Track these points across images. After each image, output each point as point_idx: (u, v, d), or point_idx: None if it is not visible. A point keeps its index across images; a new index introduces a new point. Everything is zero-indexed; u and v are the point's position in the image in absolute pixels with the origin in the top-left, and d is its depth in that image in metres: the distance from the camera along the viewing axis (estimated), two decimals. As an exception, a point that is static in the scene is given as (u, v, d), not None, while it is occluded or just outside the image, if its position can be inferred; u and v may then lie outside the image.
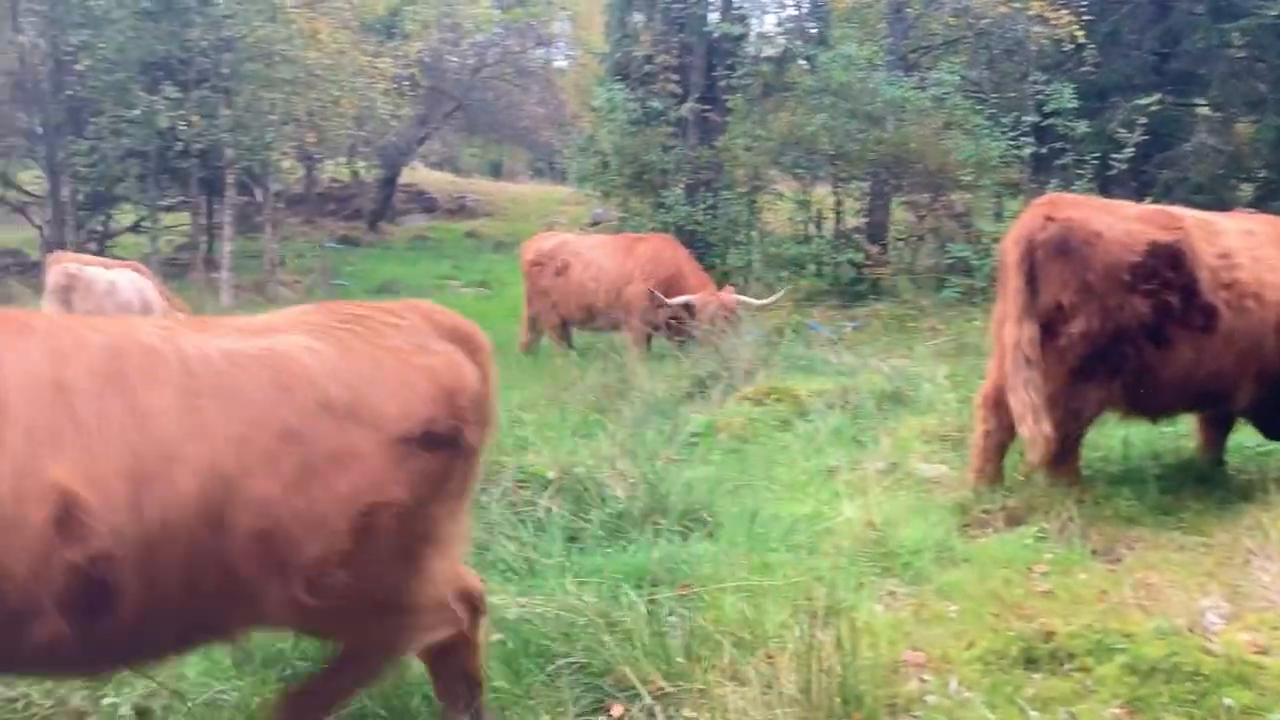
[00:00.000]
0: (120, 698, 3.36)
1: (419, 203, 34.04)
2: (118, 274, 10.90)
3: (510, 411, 7.37)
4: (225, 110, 17.08)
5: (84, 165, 18.13)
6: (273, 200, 19.77)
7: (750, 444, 6.84)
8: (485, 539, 4.76)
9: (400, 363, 3.05)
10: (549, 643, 3.74)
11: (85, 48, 17.01)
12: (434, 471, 3.03)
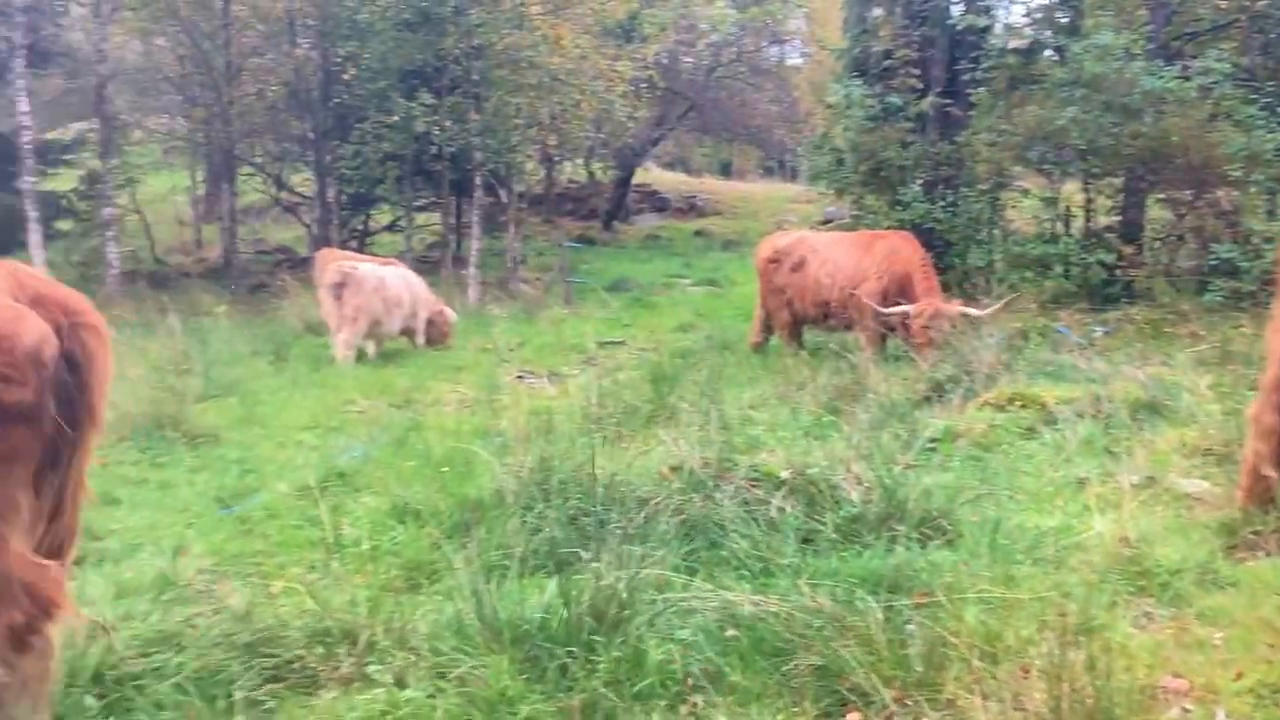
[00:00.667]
0: (383, 666, 3.60)
1: (651, 202, 34.67)
2: (388, 271, 11.68)
3: (741, 409, 7.42)
4: (475, 115, 17.96)
5: (348, 169, 19.49)
6: (516, 200, 20.61)
7: (992, 452, 6.58)
8: (718, 536, 4.81)
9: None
10: (783, 643, 3.73)
11: (352, 59, 18.30)
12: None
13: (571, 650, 3.64)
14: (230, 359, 11.23)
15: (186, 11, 19.82)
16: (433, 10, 17.42)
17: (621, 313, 16.14)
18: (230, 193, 21.82)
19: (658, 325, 14.64)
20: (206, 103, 21.01)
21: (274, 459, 7.01)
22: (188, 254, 26.44)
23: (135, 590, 4.37)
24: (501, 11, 17.42)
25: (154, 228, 25.01)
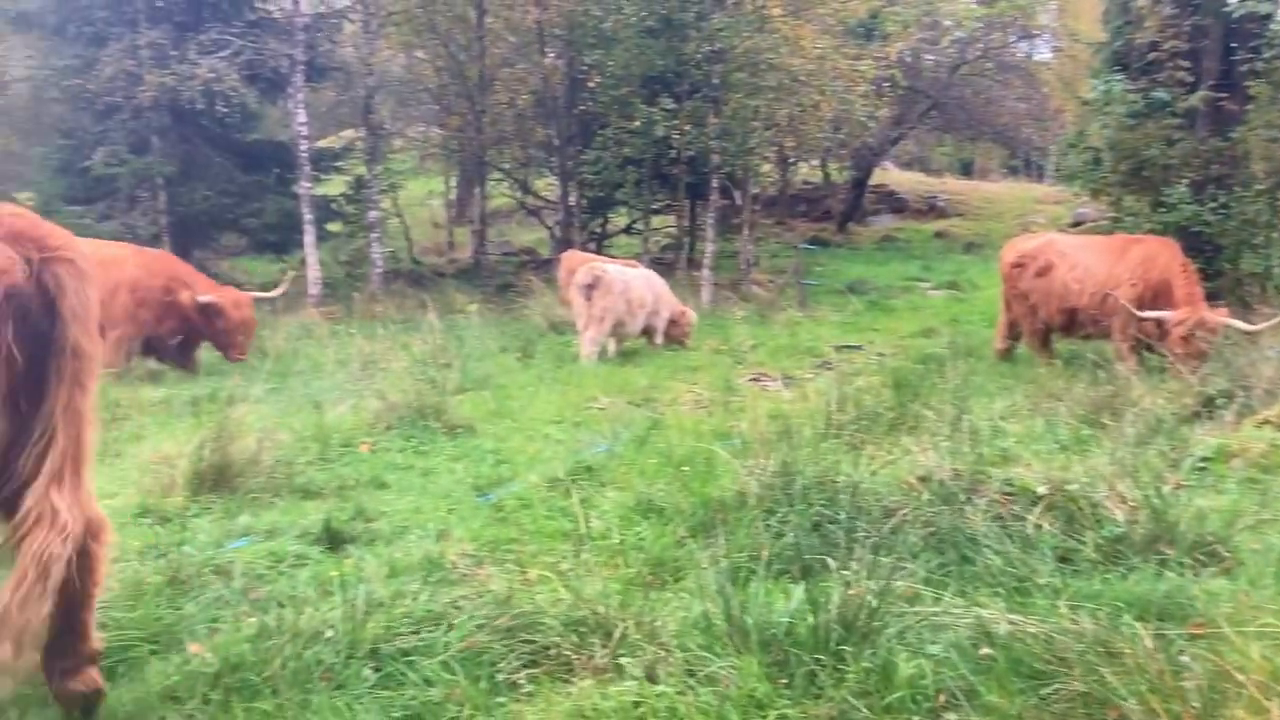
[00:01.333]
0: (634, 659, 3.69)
1: (888, 203, 33.93)
2: (634, 273, 12.01)
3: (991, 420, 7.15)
4: (713, 118, 18.12)
5: (590, 173, 20.11)
6: (750, 203, 20.67)
7: (1273, 474, 6.06)
8: (969, 550, 4.66)
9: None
10: (1042, 665, 3.58)
11: (596, 66, 18.87)
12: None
13: (819, 658, 3.61)
14: (481, 355, 11.83)
15: (445, 25, 20.99)
16: (675, 16, 17.71)
17: (858, 316, 15.89)
18: (480, 197, 22.94)
19: (896, 330, 14.33)
20: (460, 111, 22.19)
21: (524, 451, 7.32)
22: (441, 255, 28.04)
23: (405, 570, 4.66)
24: (743, 15, 17.49)
25: (411, 230, 26.67)
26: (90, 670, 3.55)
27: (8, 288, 3.25)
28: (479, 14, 20.46)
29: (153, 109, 18.67)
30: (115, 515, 5.65)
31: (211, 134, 20.63)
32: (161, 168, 19.18)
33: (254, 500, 5.92)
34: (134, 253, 11.79)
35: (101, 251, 11.35)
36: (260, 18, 20.16)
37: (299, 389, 9.49)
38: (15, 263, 3.29)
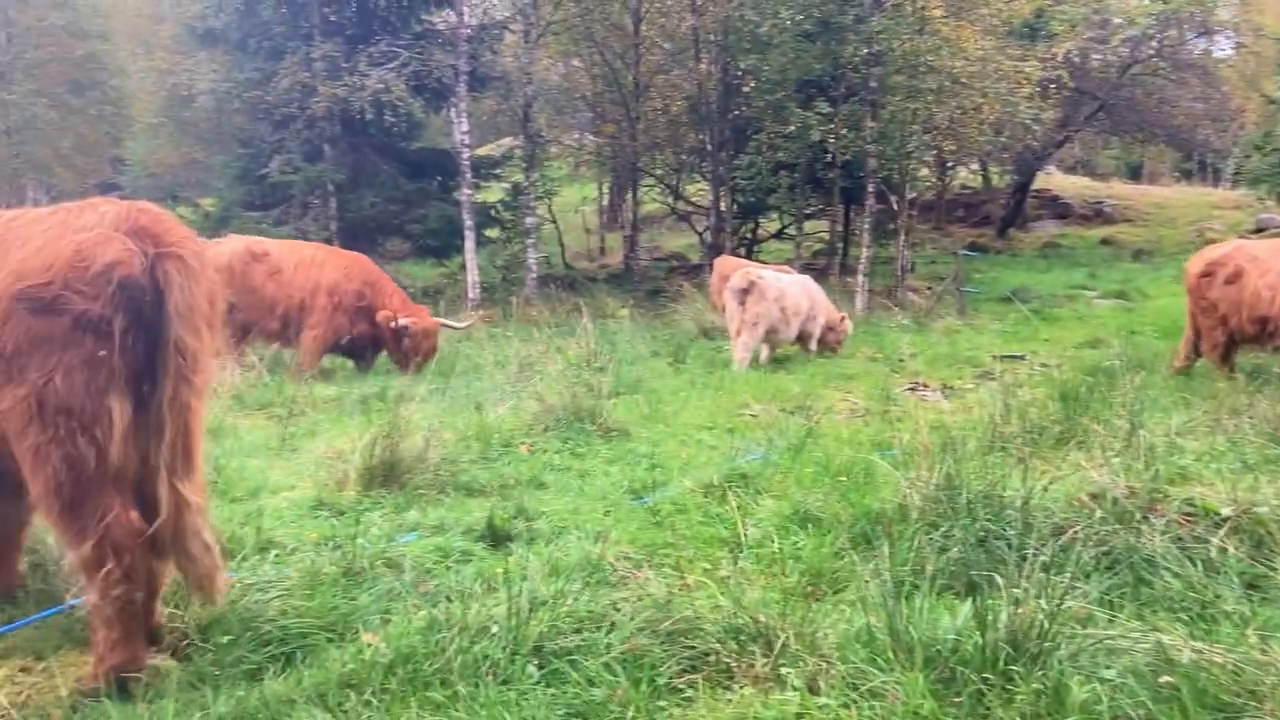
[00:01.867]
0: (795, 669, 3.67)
1: (1051, 208, 32.76)
2: (790, 280, 11.93)
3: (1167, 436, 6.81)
4: (870, 122, 17.85)
5: (743, 178, 20.07)
6: (906, 208, 20.27)
7: None
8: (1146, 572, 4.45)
9: (52, 233, 3.54)
10: (1229, 697, 3.38)
11: (751, 71, 18.84)
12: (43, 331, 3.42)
13: (987, 677, 3.51)
14: (633, 359, 11.95)
15: (602, 34, 21.31)
16: (833, 19, 17.52)
17: (1019, 325, 15.38)
18: (633, 202, 23.20)
19: (1061, 340, 13.80)
20: (615, 118, 22.50)
21: (678, 455, 7.35)
22: (592, 260, 28.49)
23: (565, 570, 4.74)
24: (903, 17, 17.16)
25: (565, 236, 27.18)
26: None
27: (122, 278, 3.50)
28: (635, 22, 20.70)
29: (325, 119, 19.58)
30: (293, 507, 5.97)
31: (379, 143, 21.50)
32: (332, 175, 20.08)
33: (421, 496, 6.13)
34: (331, 254, 12.30)
35: (301, 253, 11.92)
36: (426, 30, 20.89)
37: (460, 389, 9.77)
38: (134, 255, 3.54)
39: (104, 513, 3.57)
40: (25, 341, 3.48)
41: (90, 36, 25.34)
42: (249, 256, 11.75)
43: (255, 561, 4.90)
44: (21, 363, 3.49)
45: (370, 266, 12.41)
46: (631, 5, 20.45)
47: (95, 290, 3.48)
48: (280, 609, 4.30)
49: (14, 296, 3.48)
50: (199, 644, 4.06)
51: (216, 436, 7.74)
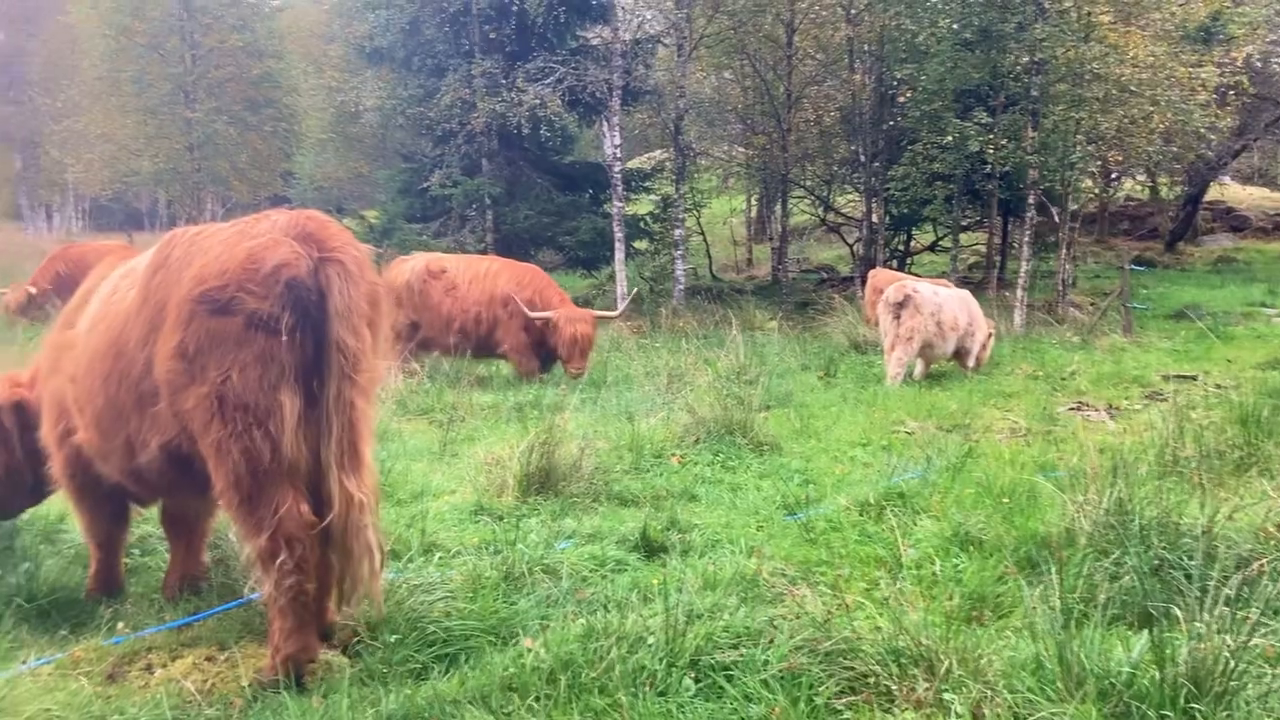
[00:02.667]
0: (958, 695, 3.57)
1: (1226, 221, 31.05)
2: (947, 294, 11.64)
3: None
4: (1031, 132, 17.29)
5: (897, 189, 19.71)
6: (1068, 220, 19.52)
7: None
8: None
9: (228, 241, 3.82)
10: None
11: (907, 81, 18.49)
12: (220, 329, 3.68)
13: (1166, 715, 3.35)
14: (783, 372, 11.87)
15: (754, 46, 21.29)
16: (994, 27, 17.05)
17: (1190, 344, 14.62)
18: (782, 214, 23.06)
19: (1237, 359, 13.05)
20: (766, 130, 22.42)
21: (831, 472, 7.27)
22: (740, 271, 28.43)
23: (719, 584, 4.75)
24: (1067, 24, 16.56)
25: (712, 247, 27.22)
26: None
27: (289, 278, 3.74)
28: (789, 33, 20.60)
29: (484, 134, 20.16)
30: (455, 511, 6.15)
31: (533, 156, 22.00)
32: (490, 188, 20.63)
33: (576, 504, 6.23)
34: (505, 266, 12.51)
35: (476, 267, 12.24)
36: (581, 45, 21.26)
37: (611, 400, 9.90)
38: (300, 258, 3.78)
39: (278, 506, 3.79)
40: (206, 341, 3.76)
41: (266, 56, 26.73)
42: (427, 274, 12.15)
43: (420, 563, 5.07)
44: (203, 361, 3.77)
45: (540, 276, 12.48)
46: (785, 17, 20.35)
47: (265, 290, 3.73)
48: (444, 611, 4.44)
49: (195, 299, 3.77)
50: (368, 642, 4.22)
51: (382, 440, 8.04)
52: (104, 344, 4.19)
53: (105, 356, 4.17)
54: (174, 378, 3.84)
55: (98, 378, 4.22)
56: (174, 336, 3.81)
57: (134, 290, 4.12)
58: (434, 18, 20.81)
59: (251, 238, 3.84)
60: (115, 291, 4.35)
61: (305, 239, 3.86)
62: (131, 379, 4.06)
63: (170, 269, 3.94)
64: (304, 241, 3.85)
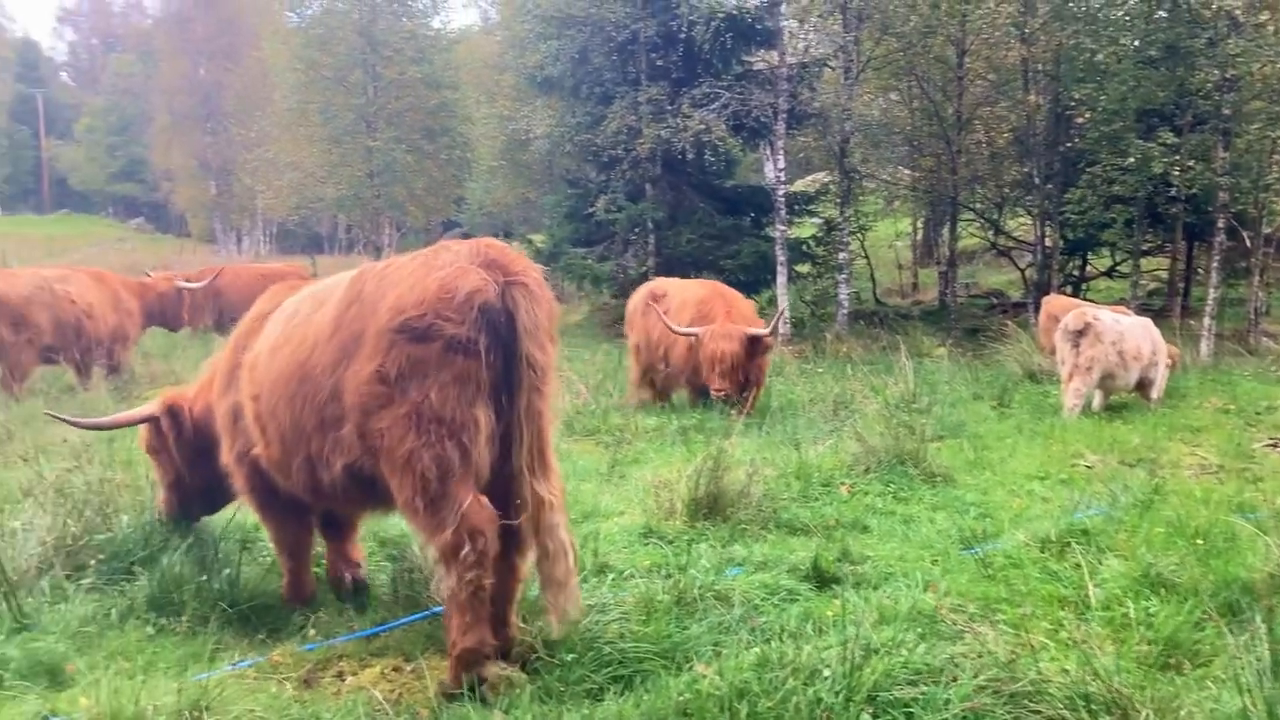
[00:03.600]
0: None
1: None
2: (1130, 323, 11.13)
3: None
4: (1222, 152, 16.40)
5: (1073, 212, 18.99)
6: (1262, 244, 18.39)
7: None
8: None
9: (419, 273, 4.09)
10: None
11: (1085, 101, 17.80)
12: (420, 355, 3.96)
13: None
14: (953, 400, 11.56)
15: (923, 67, 20.92)
16: (1182, 43, 16.27)
17: None
18: (950, 237, 22.51)
19: None
20: (934, 152, 21.96)
21: (1007, 506, 7.04)
22: (904, 296, 27.87)
23: (894, 618, 4.65)
24: (1264, 38, 15.65)
25: (876, 271, 26.80)
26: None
27: (482, 303, 4.01)
28: (959, 54, 20.16)
29: (648, 159, 20.45)
30: (624, 532, 6.23)
31: (696, 181, 22.18)
32: (653, 213, 20.90)
33: (745, 531, 6.22)
34: (702, 288, 12.15)
35: (686, 292, 12.04)
36: (746, 70, 21.34)
37: (776, 425, 9.84)
38: (489, 283, 4.05)
39: (460, 503, 4.01)
40: (406, 366, 4.03)
41: (443, 87, 27.84)
42: (651, 299, 12.10)
43: (594, 584, 5.15)
44: (404, 385, 4.03)
45: (729, 297, 11.86)
46: (955, 38, 19.93)
47: (461, 316, 4.00)
48: (618, 632, 4.49)
49: (395, 330, 4.04)
50: (546, 659, 4.31)
51: (551, 461, 8.21)
52: (288, 367, 4.48)
53: (290, 379, 4.46)
54: (370, 400, 4.11)
55: (281, 399, 4.51)
56: (372, 363, 4.08)
57: (321, 319, 4.43)
58: (602, 47, 21.27)
59: (440, 268, 4.09)
60: (296, 316, 4.67)
61: (489, 265, 4.11)
62: (317, 402, 4.35)
63: (364, 302, 4.23)
64: (489, 268, 4.10)
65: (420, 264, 4.19)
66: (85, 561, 5.48)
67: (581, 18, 21.09)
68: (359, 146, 26.76)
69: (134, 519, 5.93)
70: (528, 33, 24.25)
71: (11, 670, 4.42)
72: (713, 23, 19.31)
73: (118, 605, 5.11)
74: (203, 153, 51.37)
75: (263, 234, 53.80)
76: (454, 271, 4.05)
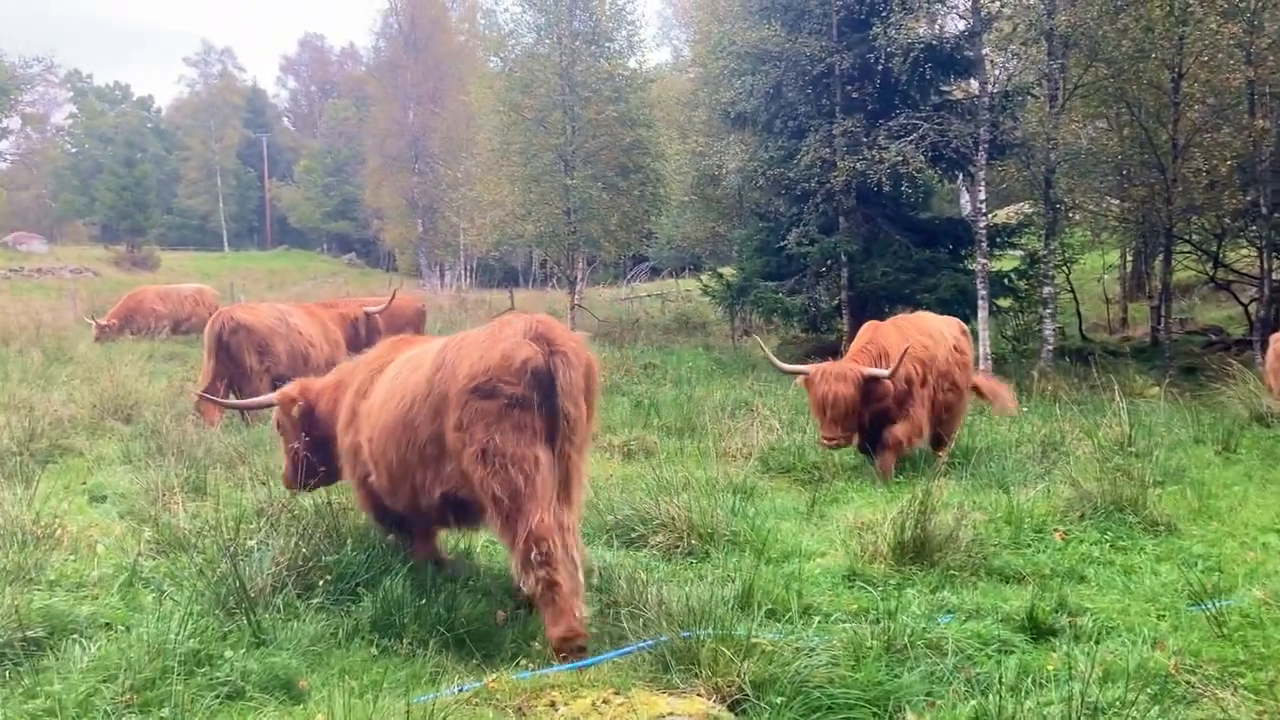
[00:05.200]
0: None
1: None
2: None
3: None
4: None
5: (1304, 244, 17.68)
6: None
7: None
8: None
9: (486, 345, 5.27)
10: None
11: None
12: (486, 410, 5.13)
13: None
14: (1171, 444, 10.90)
15: (1135, 93, 19.97)
16: None
17: None
18: (1164, 270, 21.30)
19: None
20: (1147, 181, 20.87)
21: (1240, 559, 6.59)
22: (1112, 331, 26.51)
23: (1119, 676, 4.43)
24: None
25: (1082, 305, 25.61)
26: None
27: (534, 369, 5.10)
28: (1175, 78, 19.12)
29: (842, 192, 20.26)
30: (827, 574, 6.17)
31: (891, 213, 21.81)
32: (846, 246, 20.69)
33: (954, 577, 6.05)
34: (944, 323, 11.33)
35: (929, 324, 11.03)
36: (944, 100, 20.90)
37: (981, 467, 9.52)
38: (539, 354, 5.13)
39: (530, 519, 5.01)
40: (474, 416, 5.19)
41: (638, 125, 28.40)
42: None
43: (800, 625, 5.11)
44: (472, 430, 5.19)
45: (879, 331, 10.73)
46: (1171, 61, 18.92)
47: (518, 379, 5.13)
48: (827, 677, 4.45)
49: (469, 390, 5.20)
50: (754, 701, 4.31)
51: (750, 497, 8.22)
52: (395, 419, 5.70)
53: (397, 428, 5.68)
54: (456, 443, 5.27)
55: (391, 443, 5.73)
56: (455, 414, 5.26)
57: (417, 380, 5.63)
58: (797, 81, 21.28)
59: (503, 340, 5.26)
60: (398, 377, 5.91)
61: (539, 338, 5.21)
62: (417, 445, 5.56)
63: (447, 368, 5.39)
64: (538, 340, 5.20)
65: (488, 336, 5.37)
66: (314, 581, 5.81)
67: (776, 53, 21.16)
68: (557, 185, 27.59)
69: (357, 543, 6.28)
70: (722, 69, 24.51)
71: (252, 682, 4.73)
72: (911, 53, 19.02)
73: (344, 625, 5.39)
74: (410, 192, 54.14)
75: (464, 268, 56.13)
76: (514, 344, 5.20)
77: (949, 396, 10.52)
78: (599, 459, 10.41)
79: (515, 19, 30.23)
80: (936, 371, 10.30)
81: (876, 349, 10.04)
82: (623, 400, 14.66)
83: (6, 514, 7.03)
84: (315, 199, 79.66)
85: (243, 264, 65.84)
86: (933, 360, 10.29)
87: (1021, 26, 19.09)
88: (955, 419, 10.59)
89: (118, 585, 6.04)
